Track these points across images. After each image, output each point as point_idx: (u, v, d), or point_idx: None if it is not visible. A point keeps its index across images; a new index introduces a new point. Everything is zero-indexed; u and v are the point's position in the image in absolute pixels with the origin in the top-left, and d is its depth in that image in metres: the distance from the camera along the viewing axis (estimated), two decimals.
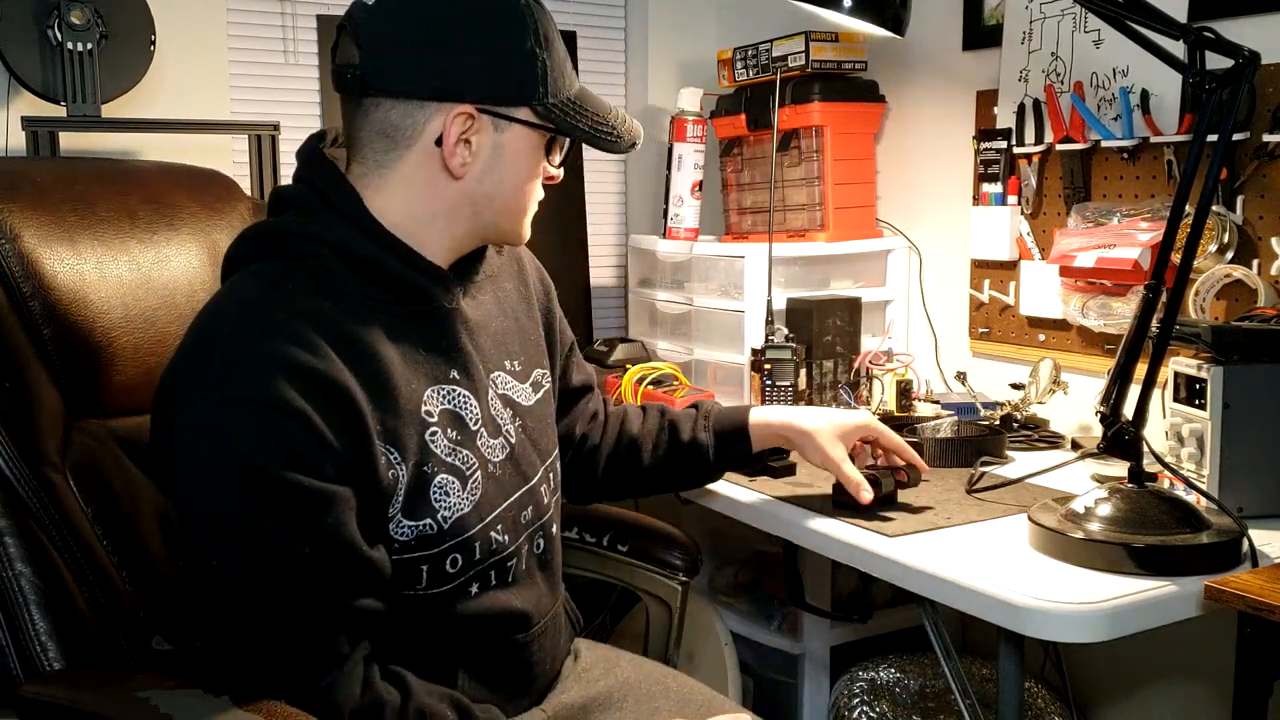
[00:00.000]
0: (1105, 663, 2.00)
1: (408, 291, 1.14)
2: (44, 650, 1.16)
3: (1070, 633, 1.21)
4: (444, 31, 1.10)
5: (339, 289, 1.10)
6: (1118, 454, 1.36)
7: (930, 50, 2.23)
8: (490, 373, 1.23)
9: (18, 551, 1.18)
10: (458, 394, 1.17)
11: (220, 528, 1.02)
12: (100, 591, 1.24)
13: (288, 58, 2.32)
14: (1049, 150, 1.98)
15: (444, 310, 1.18)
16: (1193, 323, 1.52)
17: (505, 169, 1.15)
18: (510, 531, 1.21)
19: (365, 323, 1.10)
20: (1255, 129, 1.66)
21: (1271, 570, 1.21)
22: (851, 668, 2.07)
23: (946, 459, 1.74)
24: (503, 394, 1.25)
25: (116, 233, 1.36)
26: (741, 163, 2.41)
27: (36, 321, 1.25)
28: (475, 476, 1.17)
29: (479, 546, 1.17)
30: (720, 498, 1.65)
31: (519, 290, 1.34)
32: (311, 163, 1.17)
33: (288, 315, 1.05)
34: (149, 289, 1.36)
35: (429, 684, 1.14)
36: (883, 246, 2.31)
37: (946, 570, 1.29)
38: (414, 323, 1.15)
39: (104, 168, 1.51)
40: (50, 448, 1.24)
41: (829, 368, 2.10)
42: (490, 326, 1.26)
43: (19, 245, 1.26)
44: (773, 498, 1.59)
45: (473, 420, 1.18)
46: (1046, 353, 1.97)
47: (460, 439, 1.16)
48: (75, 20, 1.87)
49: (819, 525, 1.48)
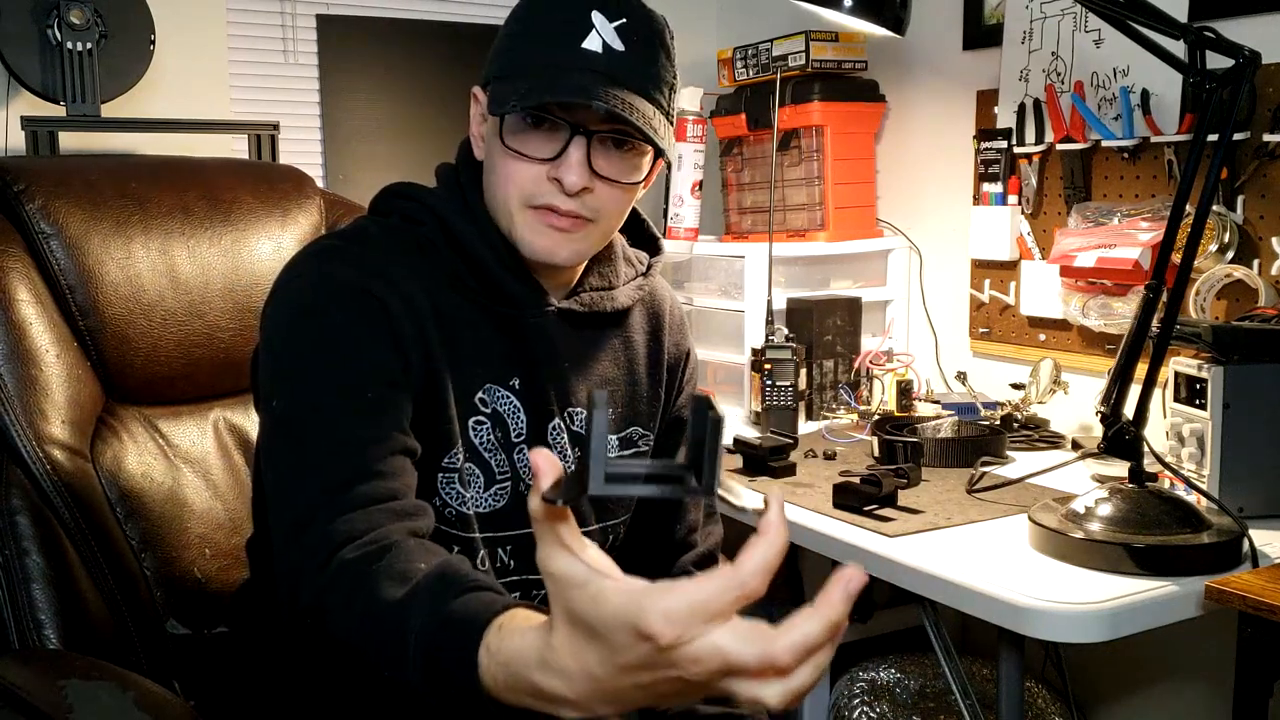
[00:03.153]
0: (1105, 663, 2.00)
1: (491, 285, 1.14)
2: (38, 628, 1.19)
3: (1070, 633, 1.21)
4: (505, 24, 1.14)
5: (436, 259, 1.13)
6: (1118, 454, 1.36)
7: (930, 50, 2.23)
8: (568, 407, 1.18)
9: (27, 531, 1.21)
10: (510, 402, 1.15)
11: (291, 367, 1.04)
12: (112, 575, 1.26)
13: (288, 57, 2.32)
14: (1049, 150, 1.98)
15: (529, 321, 1.15)
16: (1193, 323, 1.52)
17: (493, 156, 1.12)
18: (521, 560, 1.15)
19: (449, 299, 1.12)
20: (1255, 129, 1.66)
21: (1272, 570, 1.21)
22: (851, 668, 2.06)
23: (947, 459, 1.73)
24: (575, 431, 1.19)
25: (166, 228, 1.42)
26: (741, 162, 2.40)
27: (75, 312, 1.32)
28: (505, 485, 1.14)
29: (481, 556, 1.13)
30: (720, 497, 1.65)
31: (648, 345, 1.27)
32: (464, 150, 1.20)
33: (394, 253, 1.11)
34: (197, 283, 1.42)
35: None
36: (883, 246, 2.31)
37: (946, 570, 1.29)
38: (494, 319, 1.14)
39: (162, 164, 1.55)
40: (77, 435, 1.28)
41: (829, 368, 2.10)
42: (592, 367, 1.21)
43: (64, 237, 1.32)
44: None
45: (516, 433, 1.15)
46: (1047, 353, 1.97)
47: (502, 442, 1.14)
48: (75, 20, 1.87)
49: (819, 525, 1.48)
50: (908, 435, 1.77)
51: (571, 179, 1.07)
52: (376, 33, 2.36)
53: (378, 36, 2.37)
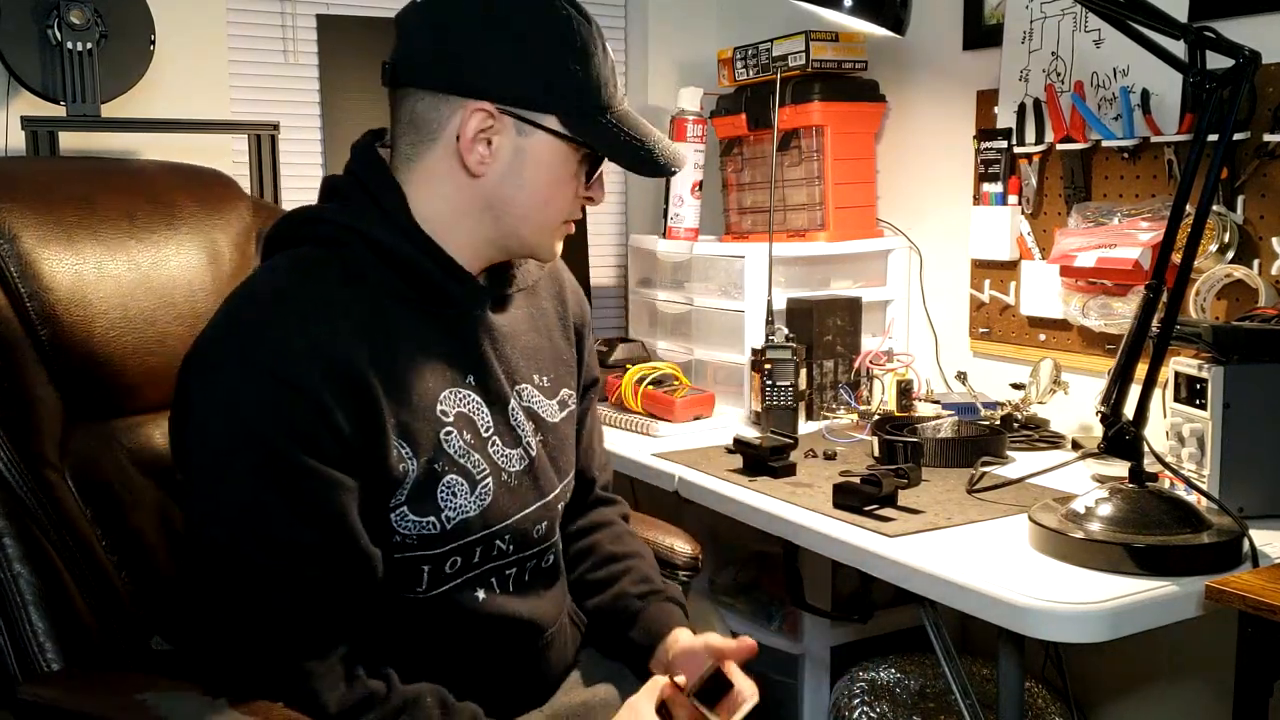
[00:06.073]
0: (1105, 663, 2.00)
1: (433, 292, 1.15)
2: (42, 650, 1.16)
3: (1070, 633, 1.21)
4: (476, 30, 1.11)
5: (365, 280, 1.12)
6: (1118, 454, 1.36)
7: (930, 50, 2.23)
8: (515, 384, 1.23)
9: (16, 552, 1.18)
10: (471, 399, 1.17)
11: (226, 499, 1.03)
12: (100, 592, 1.24)
13: (288, 57, 2.32)
14: (1049, 150, 1.98)
15: (470, 316, 1.19)
16: (1193, 323, 1.52)
17: (526, 174, 1.14)
18: (518, 542, 1.21)
19: (388, 316, 1.11)
20: (1255, 129, 1.66)
21: (1272, 570, 1.21)
22: (851, 668, 2.06)
23: (947, 459, 1.73)
24: (527, 406, 1.24)
25: (116, 233, 1.36)
26: (741, 162, 2.40)
27: (34, 322, 1.25)
28: (486, 483, 1.17)
29: (479, 551, 1.17)
30: (720, 498, 1.65)
31: (556, 309, 1.34)
32: (361, 156, 1.19)
33: (315, 301, 1.08)
34: (148, 289, 1.36)
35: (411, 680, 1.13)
36: (883, 246, 2.31)
37: (946, 570, 1.29)
38: (437, 324, 1.16)
39: (104, 167, 1.51)
40: (49, 448, 1.24)
41: (829, 368, 2.10)
42: (520, 339, 1.26)
43: (17, 245, 1.26)
44: (773, 498, 1.59)
45: (484, 428, 1.18)
46: (1047, 353, 1.97)
47: (474, 443, 1.17)
48: (75, 20, 1.87)
49: (819, 525, 1.48)
50: (908, 435, 1.77)
51: (601, 198, 1.22)
52: (376, 33, 2.36)
53: (378, 36, 2.37)
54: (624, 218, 2.75)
